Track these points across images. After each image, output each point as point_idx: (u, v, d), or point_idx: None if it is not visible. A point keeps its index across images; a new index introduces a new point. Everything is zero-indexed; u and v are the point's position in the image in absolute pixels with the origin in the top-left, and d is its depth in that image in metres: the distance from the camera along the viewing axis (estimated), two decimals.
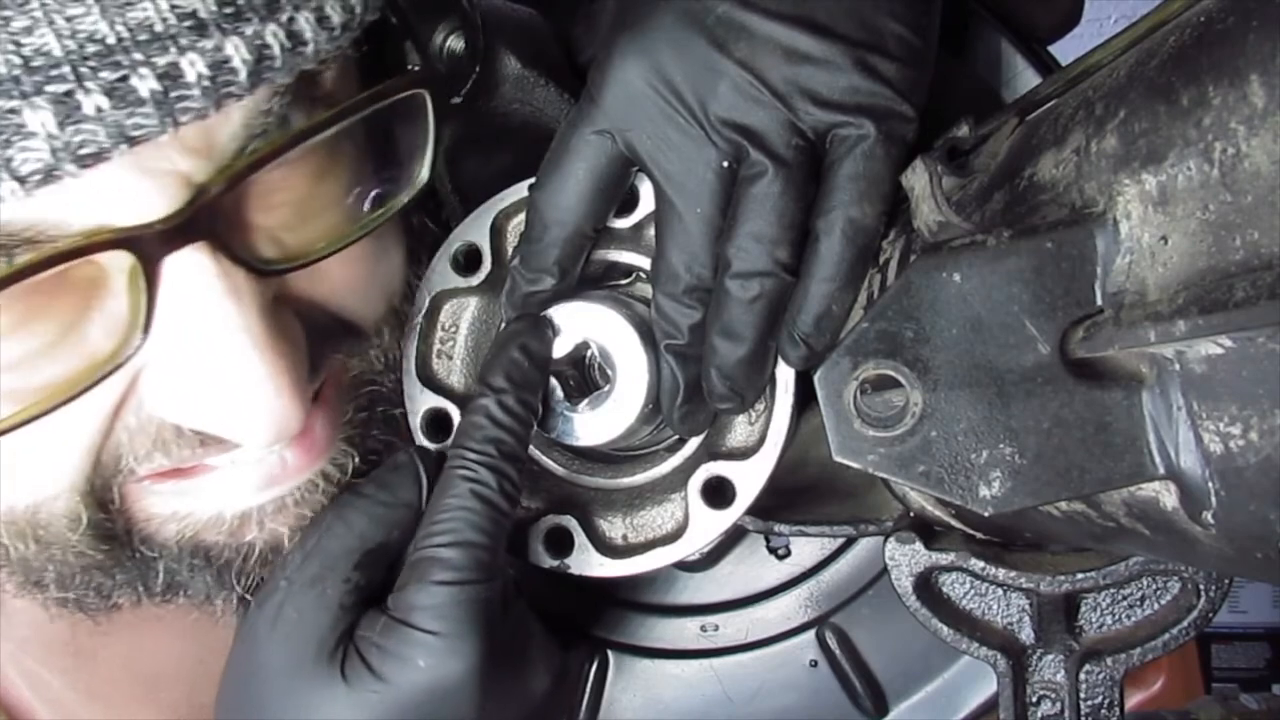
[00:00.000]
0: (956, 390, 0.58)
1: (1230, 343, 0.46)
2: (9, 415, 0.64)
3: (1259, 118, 0.44)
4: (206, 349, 0.65)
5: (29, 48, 0.55)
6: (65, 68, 0.56)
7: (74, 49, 0.56)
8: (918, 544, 0.77)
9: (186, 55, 0.58)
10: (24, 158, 0.56)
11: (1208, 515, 0.50)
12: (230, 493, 0.74)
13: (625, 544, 0.81)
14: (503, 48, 0.79)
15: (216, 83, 0.59)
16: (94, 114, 0.56)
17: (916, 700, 0.99)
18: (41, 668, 0.91)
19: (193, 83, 0.58)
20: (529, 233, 0.75)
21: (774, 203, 0.69)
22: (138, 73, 0.57)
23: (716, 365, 0.72)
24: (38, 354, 0.65)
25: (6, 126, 0.55)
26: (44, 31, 0.55)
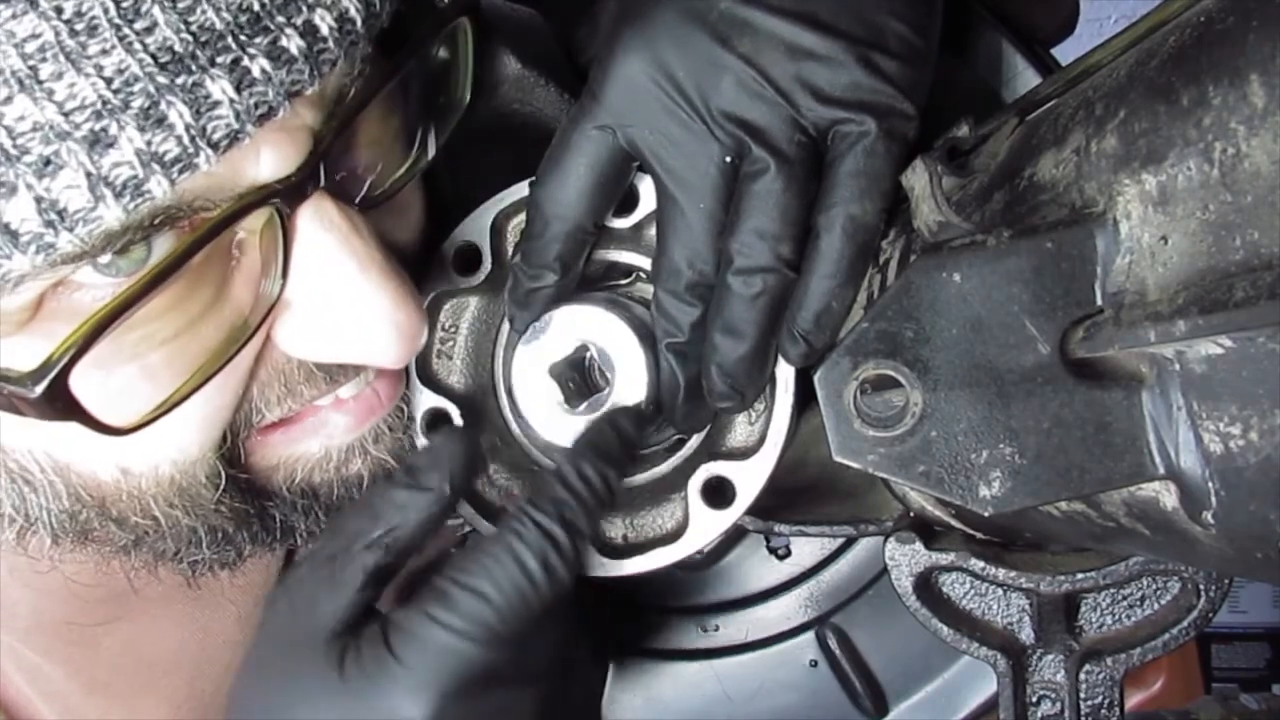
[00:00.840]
0: (956, 390, 0.58)
1: (1230, 343, 0.46)
2: (177, 389, 0.67)
3: (1259, 118, 0.44)
4: (345, 285, 0.69)
5: (195, 24, 0.59)
6: (229, 38, 0.60)
7: (230, 20, 0.60)
8: (918, 544, 0.77)
9: (317, 11, 0.63)
10: (214, 125, 0.60)
11: (1208, 515, 0.50)
12: (334, 430, 0.78)
13: (625, 544, 0.81)
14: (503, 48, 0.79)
15: (343, 32, 0.64)
16: (260, 76, 0.61)
17: (916, 700, 0.99)
18: (43, 660, 0.92)
19: (326, 35, 0.64)
20: (530, 229, 0.76)
21: (777, 199, 0.69)
22: (284, 33, 0.62)
23: (717, 363, 0.72)
24: (192, 323, 0.68)
25: (195, 99, 0.59)
26: (204, 7, 0.59)
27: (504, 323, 0.83)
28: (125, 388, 0.67)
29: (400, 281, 0.71)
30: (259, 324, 0.69)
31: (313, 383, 0.75)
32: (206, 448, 0.73)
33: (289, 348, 0.73)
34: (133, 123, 0.58)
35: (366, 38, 0.66)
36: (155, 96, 0.59)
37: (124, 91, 0.58)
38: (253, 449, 0.77)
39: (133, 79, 0.58)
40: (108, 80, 0.58)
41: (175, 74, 0.59)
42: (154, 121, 0.59)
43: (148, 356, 0.67)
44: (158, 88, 0.58)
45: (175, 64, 0.59)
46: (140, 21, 0.58)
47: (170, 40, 0.59)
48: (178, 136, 0.59)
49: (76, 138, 0.57)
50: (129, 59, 0.58)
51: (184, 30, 0.59)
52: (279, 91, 0.62)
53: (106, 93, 0.58)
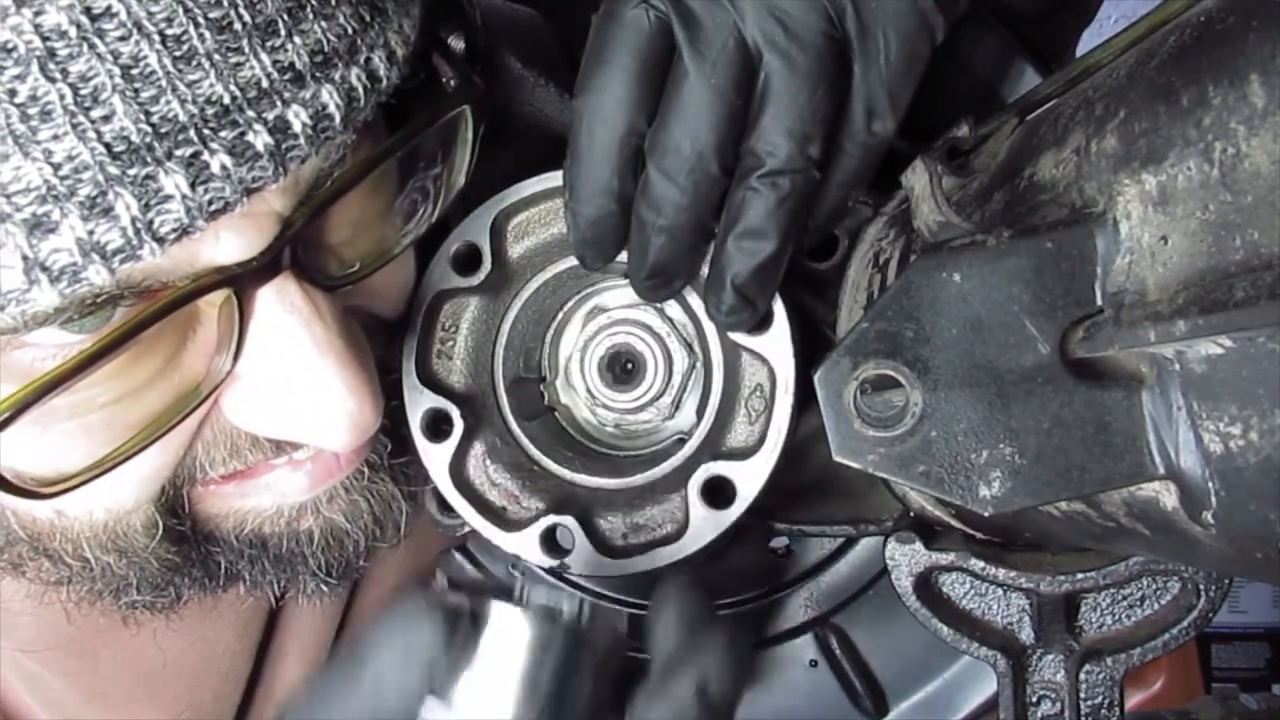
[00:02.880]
0: (956, 390, 0.58)
1: (1230, 343, 0.46)
2: (115, 449, 0.67)
3: (1259, 118, 0.44)
4: (299, 368, 0.68)
5: (156, 115, 0.58)
6: (190, 131, 0.59)
7: (195, 113, 0.59)
8: (918, 544, 0.77)
9: (291, 108, 0.62)
10: (162, 219, 0.59)
11: (1208, 515, 0.50)
12: (288, 489, 0.77)
13: (625, 544, 0.81)
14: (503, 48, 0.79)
15: (317, 129, 0.63)
16: (219, 172, 0.60)
17: (916, 700, 0.99)
18: (43, 670, 0.92)
19: (299, 132, 0.62)
20: (574, 152, 0.71)
21: (809, 95, 0.67)
22: (252, 129, 0.60)
23: (734, 274, 0.70)
24: (138, 388, 0.67)
25: (145, 192, 0.58)
26: (169, 99, 0.58)
27: (504, 323, 0.83)
28: (60, 444, 0.66)
29: (357, 369, 0.70)
30: (208, 395, 0.68)
31: (258, 449, 0.74)
32: (143, 500, 0.72)
33: (235, 419, 0.72)
34: (76, 211, 0.57)
35: (345, 132, 0.65)
36: (104, 186, 0.57)
37: (72, 179, 0.57)
38: (200, 498, 0.76)
39: (82, 167, 0.57)
40: (55, 166, 0.56)
41: (128, 165, 0.57)
42: (99, 211, 0.57)
43: (87, 417, 0.66)
44: (107, 178, 0.57)
45: (130, 155, 0.57)
46: (98, 109, 0.56)
47: (127, 130, 0.57)
48: (122, 228, 0.58)
49: (16, 220, 0.56)
50: (80, 147, 0.56)
51: (143, 121, 0.57)
52: (237, 189, 0.60)
53: (53, 178, 0.56)
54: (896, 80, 0.70)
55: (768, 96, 0.68)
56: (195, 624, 0.96)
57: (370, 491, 0.80)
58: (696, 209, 0.70)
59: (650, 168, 0.69)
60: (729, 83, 0.67)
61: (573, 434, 0.88)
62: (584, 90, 0.70)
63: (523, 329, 0.84)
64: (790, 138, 0.67)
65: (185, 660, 0.97)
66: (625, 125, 0.70)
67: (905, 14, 0.69)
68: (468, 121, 0.74)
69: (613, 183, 0.71)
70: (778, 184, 0.68)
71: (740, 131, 0.69)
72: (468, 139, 0.75)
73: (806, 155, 0.68)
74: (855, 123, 0.70)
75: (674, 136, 0.68)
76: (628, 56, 0.69)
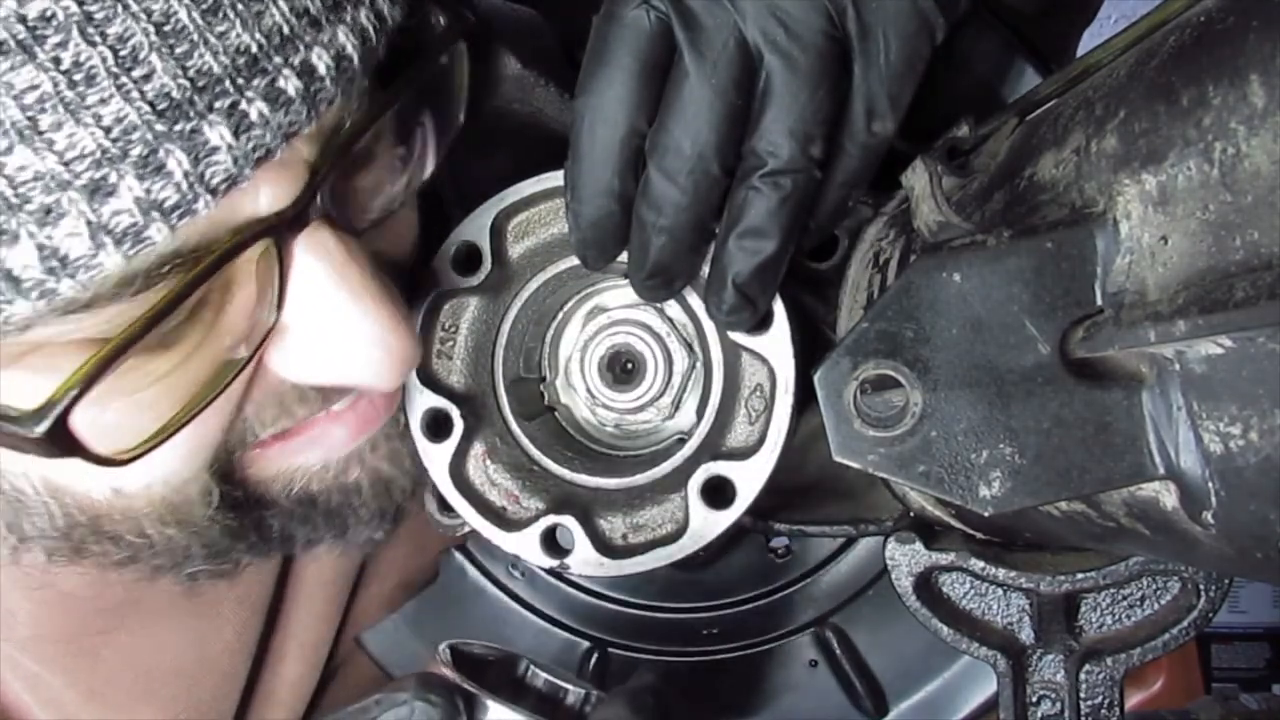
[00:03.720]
0: (956, 390, 0.58)
1: (1230, 343, 0.46)
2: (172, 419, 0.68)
3: (1259, 118, 0.44)
4: (340, 312, 0.69)
5: (193, 69, 0.59)
6: (226, 82, 0.60)
7: (228, 63, 0.60)
8: (918, 544, 0.77)
9: (314, 50, 0.63)
10: (212, 171, 0.60)
11: (1208, 515, 0.50)
12: (333, 442, 0.79)
13: (625, 544, 0.81)
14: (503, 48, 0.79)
15: (340, 70, 0.64)
16: (258, 119, 0.61)
17: (916, 700, 0.99)
18: (42, 668, 0.92)
19: (324, 74, 0.64)
20: (575, 153, 0.71)
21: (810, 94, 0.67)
22: (282, 74, 0.62)
23: (735, 273, 0.70)
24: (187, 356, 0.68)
25: (193, 146, 0.59)
26: (202, 52, 0.59)
27: (504, 323, 0.83)
28: (120, 421, 0.67)
29: (394, 306, 0.71)
30: (254, 352, 0.69)
31: (306, 402, 0.76)
32: (199, 467, 0.74)
33: (284, 372, 0.73)
34: (132, 171, 0.58)
35: (363, 73, 0.66)
36: (154, 144, 0.58)
37: (123, 140, 0.58)
38: (250, 462, 0.78)
39: (131, 128, 0.58)
40: (106, 129, 0.57)
41: (173, 121, 0.59)
42: (153, 170, 0.59)
43: (144, 391, 0.67)
44: (156, 135, 0.58)
45: (173, 111, 0.58)
46: (138, 69, 0.57)
47: (168, 87, 0.58)
48: (176, 184, 0.59)
49: (77, 186, 0.57)
50: (127, 108, 0.57)
51: (181, 76, 0.58)
52: (276, 134, 0.62)
53: (105, 142, 0.57)
54: (897, 80, 0.70)
55: (769, 97, 0.68)
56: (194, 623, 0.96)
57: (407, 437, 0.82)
58: (697, 209, 0.70)
59: (651, 168, 0.70)
60: (729, 83, 0.67)
61: (573, 434, 0.88)
62: (585, 91, 0.70)
63: (523, 329, 0.84)
64: (791, 138, 0.67)
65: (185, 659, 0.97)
66: (626, 125, 0.70)
67: (906, 14, 0.69)
68: (463, 56, 0.75)
69: (614, 183, 0.71)
70: (779, 184, 0.68)
71: (741, 132, 0.69)
72: (463, 74, 0.76)
73: (808, 155, 0.68)
74: (856, 123, 0.70)
75: (674, 137, 0.68)
76: (629, 57, 0.69)
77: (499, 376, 0.84)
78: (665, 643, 1.05)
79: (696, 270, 0.75)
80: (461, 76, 0.76)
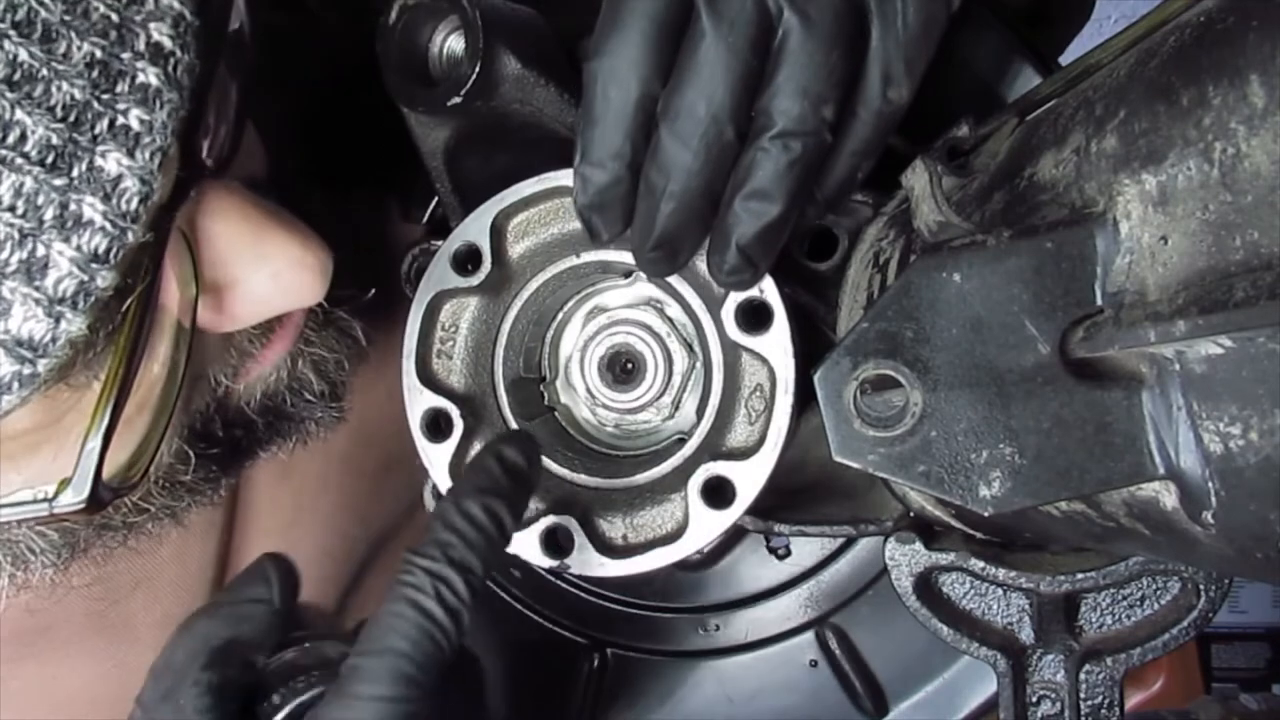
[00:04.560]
0: (956, 390, 0.58)
1: (1230, 343, 0.46)
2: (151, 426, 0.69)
3: (1259, 118, 0.44)
4: (256, 254, 0.71)
5: (58, 105, 0.57)
6: (94, 103, 0.59)
7: (85, 82, 0.58)
8: (918, 544, 0.77)
9: (151, 27, 0.61)
10: (126, 198, 0.60)
11: (1208, 515, 0.50)
12: (277, 355, 0.83)
13: (625, 544, 0.81)
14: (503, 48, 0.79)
15: (181, 33, 0.63)
16: (141, 125, 0.60)
17: (916, 700, 0.99)
18: None
19: (171, 47, 0.62)
20: (587, 116, 0.70)
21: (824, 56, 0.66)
22: (137, 68, 0.61)
23: (739, 235, 0.69)
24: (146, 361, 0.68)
25: (98, 183, 0.58)
26: (58, 83, 0.57)
27: (504, 323, 0.83)
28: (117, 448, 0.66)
29: (292, 225, 0.73)
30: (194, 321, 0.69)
31: (256, 339, 0.79)
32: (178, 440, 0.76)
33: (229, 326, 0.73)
34: (56, 235, 0.57)
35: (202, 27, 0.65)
36: (63, 199, 0.57)
37: (32, 211, 0.56)
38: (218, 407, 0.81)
39: (33, 194, 0.56)
40: (12, 209, 0.56)
41: (69, 167, 0.57)
42: (74, 224, 0.57)
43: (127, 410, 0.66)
44: (60, 189, 0.57)
45: (63, 158, 0.57)
46: (10, 134, 0.55)
47: (46, 136, 0.56)
48: (101, 227, 0.58)
49: (10, 274, 0.56)
50: (20, 178, 0.56)
51: (52, 119, 0.56)
52: (164, 132, 0.61)
53: (17, 220, 0.56)
54: (914, 45, 0.69)
55: (784, 56, 0.66)
56: (112, 651, 0.94)
57: (335, 323, 0.87)
58: (708, 174, 0.68)
59: (662, 131, 0.68)
60: (745, 42, 0.66)
61: (573, 434, 0.88)
62: (599, 52, 0.69)
63: (523, 329, 0.84)
64: (804, 98, 0.66)
65: (103, 689, 0.94)
66: (640, 89, 0.68)
67: None
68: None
69: (625, 147, 0.69)
70: (789, 146, 0.67)
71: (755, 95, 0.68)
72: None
73: (820, 117, 0.67)
74: (871, 89, 0.69)
75: (688, 99, 0.67)
76: (644, 19, 0.67)
77: (499, 376, 0.84)
78: (665, 643, 1.05)
79: (701, 243, 0.73)
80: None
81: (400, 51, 0.80)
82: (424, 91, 0.80)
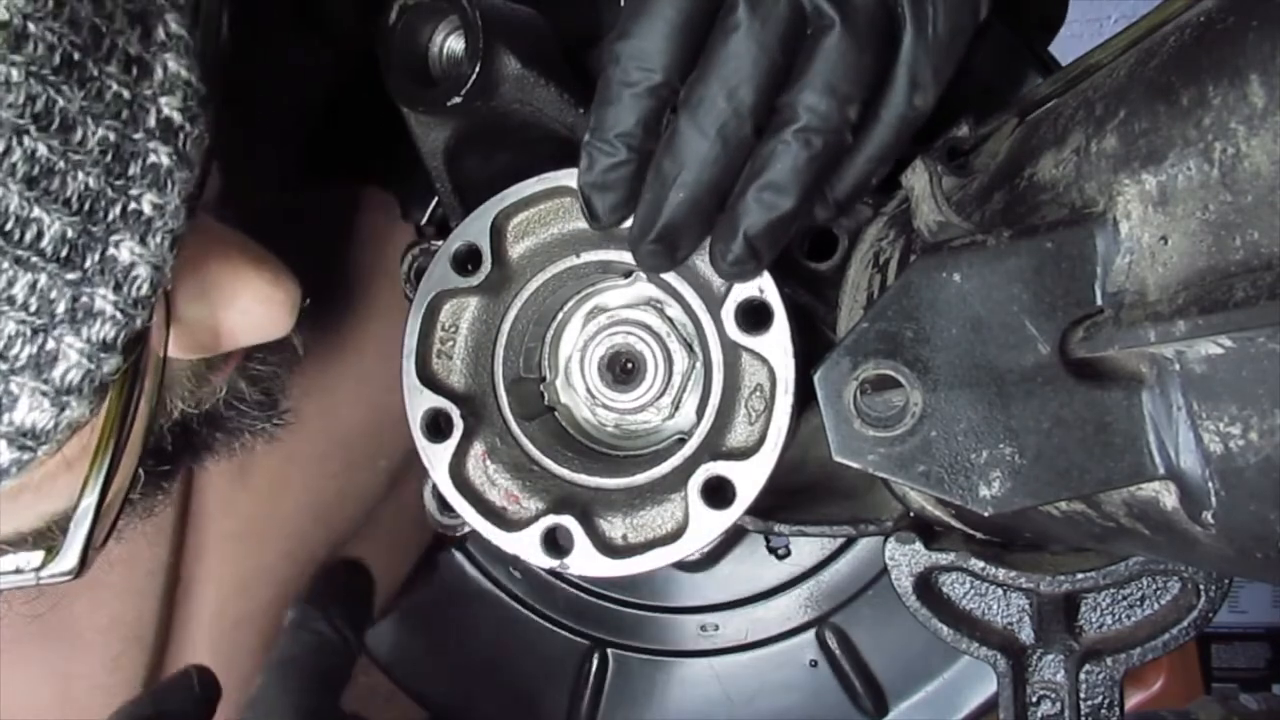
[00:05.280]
0: (956, 390, 0.58)
1: (1230, 343, 0.46)
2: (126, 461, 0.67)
3: (1259, 118, 0.44)
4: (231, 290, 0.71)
5: (73, 196, 0.55)
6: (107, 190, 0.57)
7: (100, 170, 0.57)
8: (918, 544, 0.77)
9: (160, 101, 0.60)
10: (138, 285, 0.58)
11: (1208, 515, 0.50)
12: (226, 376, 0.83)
13: (625, 544, 0.81)
14: (503, 48, 0.79)
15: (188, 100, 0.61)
16: (154, 210, 0.59)
17: (916, 700, 0.99)
18: None
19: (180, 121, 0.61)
20: (604, 94, 0.69)
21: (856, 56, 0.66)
22: (149, 148, 0.59)
23: (748, 226, 0.69)
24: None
25: (111, 274, 0.57)
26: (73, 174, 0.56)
27: (504, 323, 0.83)
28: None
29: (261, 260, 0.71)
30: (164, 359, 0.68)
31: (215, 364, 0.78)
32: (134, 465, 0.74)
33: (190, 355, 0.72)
34: (67, 329, 0.56)
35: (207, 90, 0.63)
36: (76, 292, 0.56)
37: (45, 306, 0.55)
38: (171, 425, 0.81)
39: (47, 290, 0.55)
40: (25, 306, 0.54)
41: (82, 260, 0.56)
42: (84, 316, 0.56)
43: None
44: (73, 283, 0.56)
45: (78, 251, 0.56)
46: (27, 231, 0.54)
47: (61, 229, 0.55)
48: (111, 317, 0.57)
49: (19, 369, 0.55)
50: (34, 275, 0.54)
51: (66, 212, 0.55)
52: (176, 216, 0.59)
53: (28, 317, 0.55)
54: (942, 53, 0.69)
55: (817, 52, 0.66)
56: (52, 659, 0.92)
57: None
58: (721, 165, 0.68)
59: (681, 120, 0.68)
60: (776, 39, 0.66)
61: (573, 434, 0.88)
62: (626, 34, 0.68)
63: (523, 329, 0.84)
64: (832, 96, 0.66)
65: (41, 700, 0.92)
66: (662, 74, 0.68)
67: None
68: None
69: (636, 130, 0.69)
70: (810, 142, 0.67)
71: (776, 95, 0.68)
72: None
73: (844, 116, 0.67)
74: (897, 93, 0.69)
75: (712, 89, 0.67)
76: (672, 8, 0.67)
77: (499, 376, 0.84)
78: (665, 643, 1.05)
79: (701, 240, 0.73)
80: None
81: (400, 51, 0.80)
82: (424, 91, 0.80)
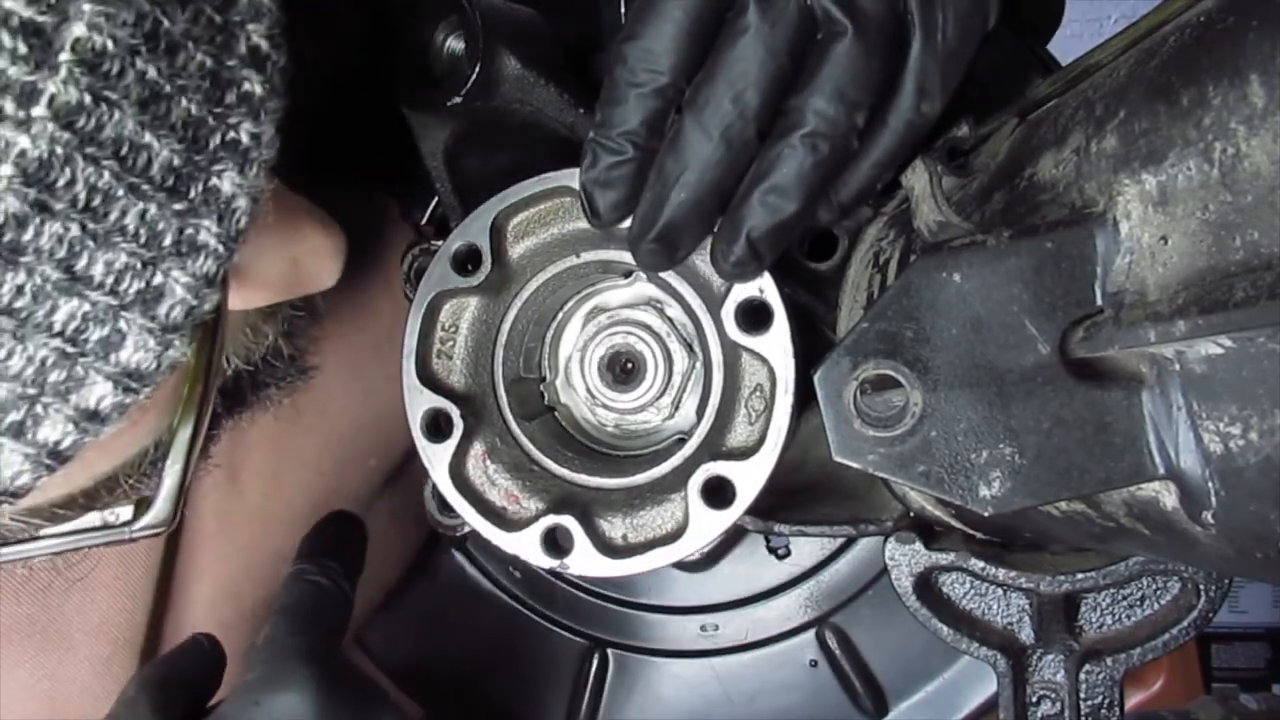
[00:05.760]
0: (956, 390, 0.58)
1: (1230, 343, 0.46)
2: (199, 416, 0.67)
3: (1259, 118, 0.44)
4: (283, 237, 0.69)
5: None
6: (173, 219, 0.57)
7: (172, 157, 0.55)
8: (918, 544, 0.77)
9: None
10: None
11: (1208, 515, 0.50)
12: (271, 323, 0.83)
13: (625, 544, 0.81)
14: (503, 48, 0.79)
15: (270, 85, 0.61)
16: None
17: (916, 700, 0.99)
18: None
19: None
20: (610, 93, 0.70)
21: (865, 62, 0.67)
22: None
23: (751, 228, 0.69)
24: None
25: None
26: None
27: (504, 323, 0.83)
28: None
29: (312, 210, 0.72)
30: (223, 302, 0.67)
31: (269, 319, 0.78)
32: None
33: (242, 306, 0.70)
34: (174, 262, 0.55)
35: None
36: (182, 222, 0.55)
37: (152, 236, 0.54)
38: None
39: (154, 220, 0.54)
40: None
41: (186, 189, 0.54)
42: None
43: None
44: (179, 214, 0.55)
45: (181, 179, 0.54)
46: (139, 158, 0.52)
47: (168, 158, 0.53)
48: (214, 250, 0.56)
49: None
50: (144, 204, 0.53)
51: (174, 141, 0.53)
52: (271, 144, 0.58)
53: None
54: (951, 60, 0.69)
55: (827, 57, 0.67)
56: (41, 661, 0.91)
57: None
58: (725, 166, 0.68)
59: (686, 119, 0.68)
60: (785, 44, 0.66)
61: (573, 434, 0.88)
62: (633, 34, 0.69)
63: (523, 329, 0.84)
64: (840, 101, 0.66)
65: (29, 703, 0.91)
66: (669, 75, 0.68)
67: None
68: None
69: (640, 129, 0.69)
70: (816, 146, 0.67)
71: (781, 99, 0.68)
72: None
73: (851, 122, 0.67)
74: (905, 100, 0.69)
75: (719, 90, 0.67)
76: (681, 11, 0.68)
77: (499, 376, 0.84)
78: (665, 643, 1.05)
79: (701, 241, 0.74)
80: None
81: (401, 52, 0.80)
82: (424, 91, 0.80)
